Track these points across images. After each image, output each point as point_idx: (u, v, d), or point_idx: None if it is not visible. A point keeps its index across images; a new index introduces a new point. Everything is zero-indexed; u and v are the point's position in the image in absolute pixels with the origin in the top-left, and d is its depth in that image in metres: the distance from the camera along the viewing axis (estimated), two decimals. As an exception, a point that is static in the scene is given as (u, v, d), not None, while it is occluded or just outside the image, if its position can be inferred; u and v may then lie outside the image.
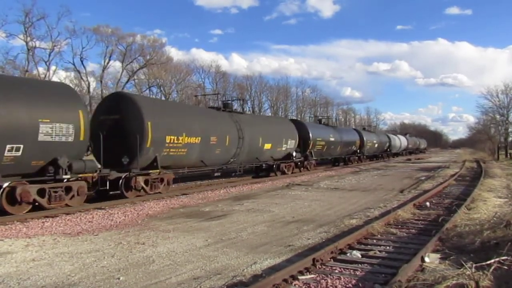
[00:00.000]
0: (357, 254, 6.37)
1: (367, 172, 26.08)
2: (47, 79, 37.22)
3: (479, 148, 70.55)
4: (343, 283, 5.10)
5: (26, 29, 39.20)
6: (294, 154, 23.52)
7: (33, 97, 10.22)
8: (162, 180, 14.08)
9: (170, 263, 6.17)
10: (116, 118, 13.06)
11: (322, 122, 32.59)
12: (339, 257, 6.20)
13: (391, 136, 52.12)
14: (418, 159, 48.51)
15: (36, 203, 10.33)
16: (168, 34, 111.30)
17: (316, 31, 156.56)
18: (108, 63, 47.68)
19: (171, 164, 14.41)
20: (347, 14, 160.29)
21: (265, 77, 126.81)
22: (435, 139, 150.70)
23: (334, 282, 5.12)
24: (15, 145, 9.47)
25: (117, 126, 12.86)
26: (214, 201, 13.24)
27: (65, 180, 10.78)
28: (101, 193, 12.58)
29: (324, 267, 5.72)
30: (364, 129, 45.70)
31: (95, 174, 11.67)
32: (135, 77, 49.96)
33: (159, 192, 13.83)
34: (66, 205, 10.92)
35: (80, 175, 11.19)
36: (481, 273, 4.68)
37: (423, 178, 21.25)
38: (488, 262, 5.05)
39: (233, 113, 19.26)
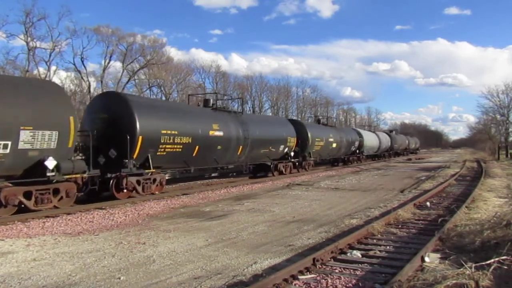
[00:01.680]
0: (357, 254, 6.38)
1: (368, 172, 26.13)
2: (47, 79, 37.26)
3: (479, 148, 70.56)
4: (343, 283, 5.11)
5: (26, 29, 39.19)
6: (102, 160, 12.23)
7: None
8: None
9: (170, 263, 6.18)
10: None
11: (214, 106, 18.32)
12: (339, 257, 6.21)
13: (365, 133, 39.94)
14: (419, 159, 48.50)
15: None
16: (167, 34, 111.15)
17: (316, 31, 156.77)
18: (108, 63, 47.70)
19: None
20: (346, 14, 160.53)
21: (265, 77, 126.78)
22: (436, 139, 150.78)
23: (334, 282, 5.13)
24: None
25: None
26: (215, 201, 13.25)
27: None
28: None
29: (324, 266, 5.73)
30: (318, 121, 31.94)
31: None
32: (136, 77, 50.03)
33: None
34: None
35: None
36: (481, 272, 4.69)
37: (423, 178, 21.24)
38: (488, 261, 5.07)
39: None
